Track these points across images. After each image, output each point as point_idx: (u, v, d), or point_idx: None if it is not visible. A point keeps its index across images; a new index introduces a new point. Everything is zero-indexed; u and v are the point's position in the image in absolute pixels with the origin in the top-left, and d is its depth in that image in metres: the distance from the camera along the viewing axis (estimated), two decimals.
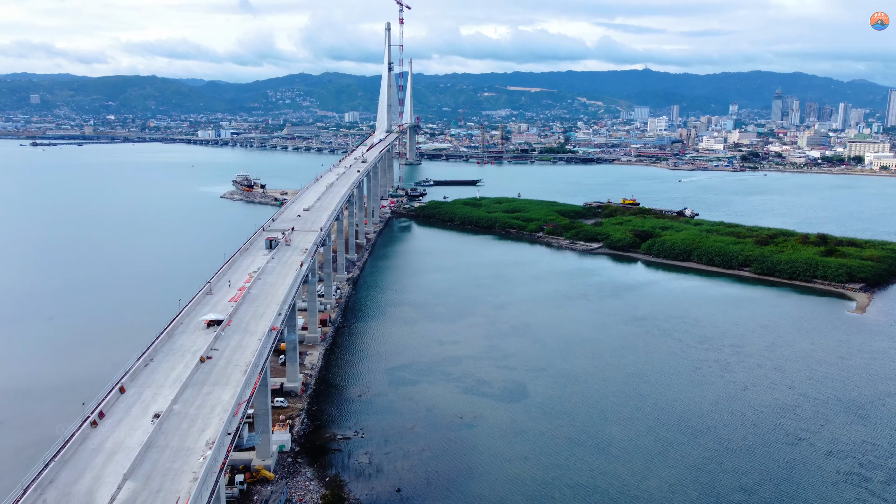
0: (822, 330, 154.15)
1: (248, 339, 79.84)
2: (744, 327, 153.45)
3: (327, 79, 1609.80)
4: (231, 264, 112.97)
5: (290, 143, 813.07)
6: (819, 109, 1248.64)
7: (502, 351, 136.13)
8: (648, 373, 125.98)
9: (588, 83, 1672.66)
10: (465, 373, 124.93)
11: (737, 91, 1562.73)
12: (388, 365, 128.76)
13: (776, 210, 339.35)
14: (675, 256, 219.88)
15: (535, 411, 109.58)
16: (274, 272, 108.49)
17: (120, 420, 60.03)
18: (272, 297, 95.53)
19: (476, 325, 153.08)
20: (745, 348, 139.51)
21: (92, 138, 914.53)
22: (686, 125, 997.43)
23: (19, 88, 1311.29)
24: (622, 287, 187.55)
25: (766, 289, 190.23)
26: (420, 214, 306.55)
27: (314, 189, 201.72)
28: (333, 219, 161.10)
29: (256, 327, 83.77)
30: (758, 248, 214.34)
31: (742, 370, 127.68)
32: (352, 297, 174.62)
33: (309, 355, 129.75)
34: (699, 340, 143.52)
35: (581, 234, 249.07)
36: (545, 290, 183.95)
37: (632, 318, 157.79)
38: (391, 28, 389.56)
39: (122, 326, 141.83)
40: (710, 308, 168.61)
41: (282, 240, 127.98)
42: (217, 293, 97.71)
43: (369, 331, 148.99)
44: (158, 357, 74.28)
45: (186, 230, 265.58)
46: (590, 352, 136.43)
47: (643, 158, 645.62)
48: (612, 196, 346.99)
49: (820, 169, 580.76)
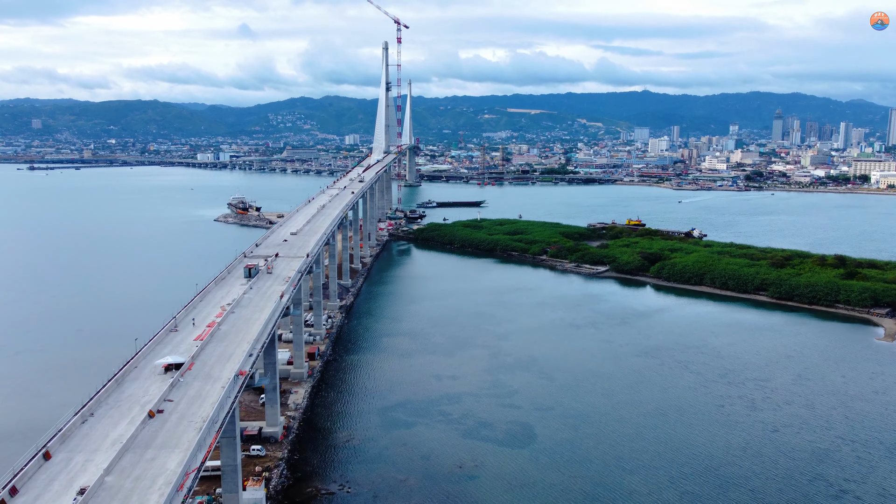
0: (851, 360, 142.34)
1: (210, 387, 68.46)
2: (766, 358, 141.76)
3: (328, 102, 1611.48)
4: (204, 296, 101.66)
5: (289, 165, 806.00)
6: (819, 129, 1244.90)
7: (506, 387, 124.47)
8: (667, 411, 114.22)
9: (587, 105, 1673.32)
10: (466, 412, 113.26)
11: (736, 112, 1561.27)
12: (380, 404, 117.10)
13: (786, 230, 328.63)
14: (686, 280, 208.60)
15: (543, 459, 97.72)
16: (250, 305, 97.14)
17: (36, 497, 48.60)
18: (245, 334, 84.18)
19: (477, 357, 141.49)
20: (770, 382, 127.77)
21: (90, 162, 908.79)
22: (687, 145, 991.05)
23: (21, 114, 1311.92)
24: (632, 314, 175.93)
25: (785, 314, 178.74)
26: (419, 237, 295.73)
27: (305, 212, 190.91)
28: (323, 243, 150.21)
29: (221, 372, 72.39)
30: (774, 270, 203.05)
31: (770, 408, 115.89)
32: (344, 327, 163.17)
33: (294, 394, 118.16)
34: (720, 374, 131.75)
35: (586, 256, 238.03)
36: (550, 317, 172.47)
37: (645, 349, 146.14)
38: (388, 48, 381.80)
39: (90, 361, 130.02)
40: (728, 336, 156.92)
41: (263, 267, 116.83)
42: (183, 330, 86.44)
43: (361, 364, 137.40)
44: (101, 411, 62.91)
45: (171, 256, 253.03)
46: (601, 388, 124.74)
47: (646, 179, 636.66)
48: (617, 217, 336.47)
49: (826, 188, 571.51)
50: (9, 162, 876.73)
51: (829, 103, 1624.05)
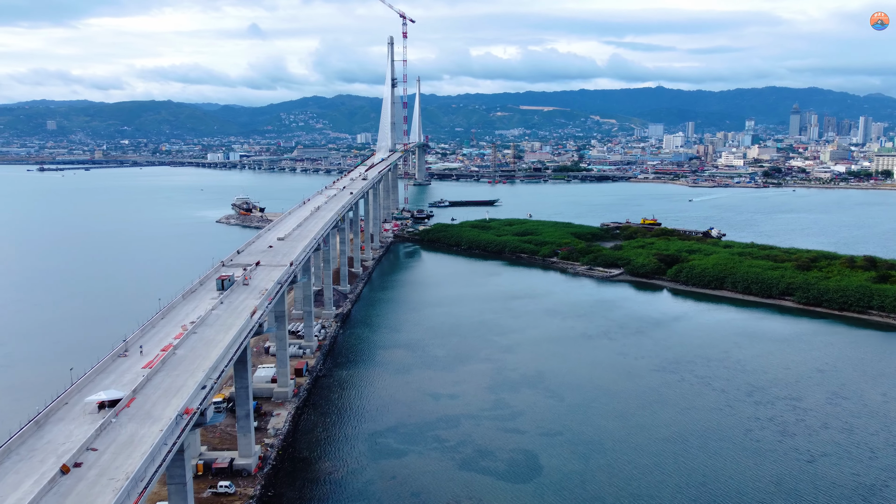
0: (891, 375, 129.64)
1: (146, 431, 57.61)
2: (796, 373, 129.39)
3: (340, 101, 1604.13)
4: (167, 312, 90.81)
5: (298, 164, 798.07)
6: (838, 124, 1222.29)
7: (509, 408, 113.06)
8: (688, 437, 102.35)
9: (601, 101, 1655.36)
10: (464, 438, 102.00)
11: (751, 107, 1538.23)
12: (370, 428, 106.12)
13: (808, 229, 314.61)
14: (705, 284, 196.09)
15: (550, 496, 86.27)
16: (216, 323, 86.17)
17: None
18: (203, 360, 73.33)
19: (479, 372, 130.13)
20: (802, 401, 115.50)
21: (100, 163, 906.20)
22: (702, 141, 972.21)
23: (37, 115, 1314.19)
24: (649, 322, 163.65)
25: (813, 321, 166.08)
26: (425, 238, 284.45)
27: (297, 214, 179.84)
28: (312, 249, 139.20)
29: (164, 410, 61.54)
30: (800, 273, 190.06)
31: (803, 433, 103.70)
32: (338, 338, 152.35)
33: (275, 416, 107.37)
34: (746, 392, 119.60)
35: (599, 258, 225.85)
36: (560, 327, 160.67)
37: (663, 363, 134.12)
38: (393, 43, 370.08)
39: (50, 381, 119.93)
40: (753, 348, 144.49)
41: (239, 278, 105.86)
42: (134, 355, 75.72)
43: (353, 381, 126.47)
44: (7, 464, 52.23)
45: (162, 261, 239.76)
46: (615, 408, 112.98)
47: (661, 176, 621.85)
48: (631, 216, 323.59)
49: (847, 184, 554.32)
50: (20, 163, 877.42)
51: (847, 98, 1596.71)
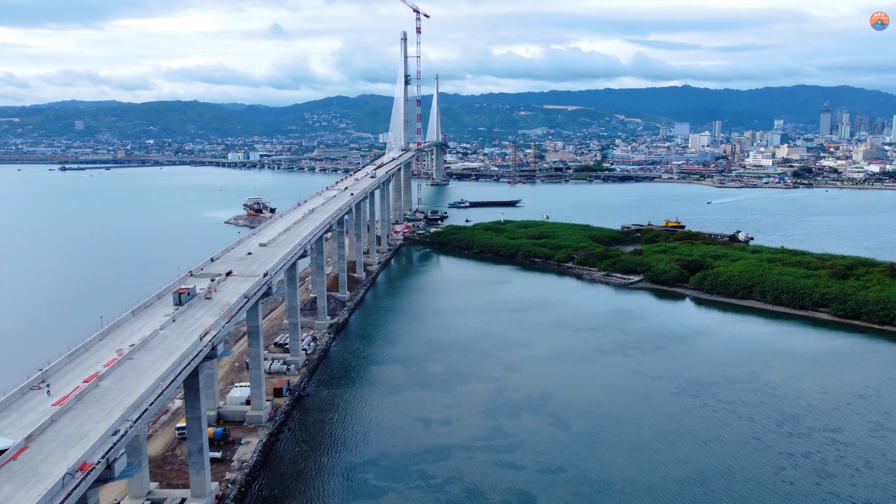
0: None
1: (24, 495, 46.19)
2: (834, 398, 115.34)
3: (363, 101, 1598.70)
4: (108, 332, 79.56)
5: (317, 164, 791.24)
6: (870, 122, 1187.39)
7: (507, 437, 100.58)
8: (711, 477, 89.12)
9: (626, 101, 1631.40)
10: (452, 474, 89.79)
11: (780, 106, 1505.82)
12: (348, 460, 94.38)
13: (841, 233, 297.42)
14: (731, 293, 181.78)
15: None
16: (160, 346, 74.81)
17: None
18: (129, 394, 61.92)
19: (478, 393, 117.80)
20: (842, 433, 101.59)
21: (122, 162, 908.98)
22: (729, 141, 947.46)
23: (65, 115, 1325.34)
24: (669, 336, 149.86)
25: (851, 337, 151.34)
26: (436, 241, 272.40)
27: (289, 217, 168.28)
28: (297, 256, 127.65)
29: (58, 464, 50.14)
30: (836, 282, 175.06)
31: (845, 473, 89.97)
32: (329, 351, 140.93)
33: (244, 445, 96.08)
34: (776, 421, 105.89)
35: (617, 264, 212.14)
36: (571, 340, 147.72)
37: (683, 385, 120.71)
38: (406, 39, 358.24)
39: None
40: (785, 367, 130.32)
41: (201, 291, 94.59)
42: (58, 380, 64.54)
43: (337, 403, 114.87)
44: None
45: (148, 267, 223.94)
46: (627, 439, 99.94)
47: (686, 175, 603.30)
48: (653, 217, 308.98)
49: (882, 185, 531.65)
50: (44, 162, 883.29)
51: (879, 96, 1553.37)
